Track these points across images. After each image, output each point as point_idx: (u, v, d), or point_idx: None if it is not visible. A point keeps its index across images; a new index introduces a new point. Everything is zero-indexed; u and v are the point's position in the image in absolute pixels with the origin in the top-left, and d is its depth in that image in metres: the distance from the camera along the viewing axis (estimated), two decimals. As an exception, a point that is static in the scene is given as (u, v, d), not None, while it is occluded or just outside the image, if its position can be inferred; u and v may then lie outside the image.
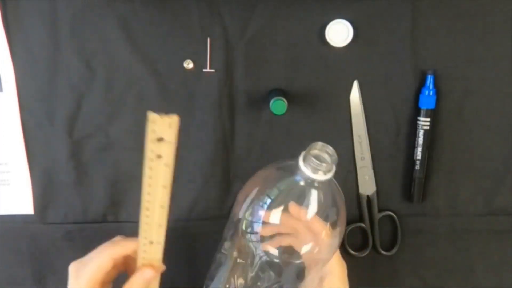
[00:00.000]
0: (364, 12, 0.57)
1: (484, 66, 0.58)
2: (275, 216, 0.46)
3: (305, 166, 0.43)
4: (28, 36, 0.57)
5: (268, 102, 0.56)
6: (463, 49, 0.58)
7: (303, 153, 0.44)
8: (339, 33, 0.57)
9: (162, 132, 0.43)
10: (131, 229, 0.63)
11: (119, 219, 0.63)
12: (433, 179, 0.62)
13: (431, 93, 0.58)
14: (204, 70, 0.58)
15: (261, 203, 0.46)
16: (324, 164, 0.42)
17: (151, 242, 0.50)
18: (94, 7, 0.57)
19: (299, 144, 0.60)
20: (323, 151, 0.43)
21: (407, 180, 0.62)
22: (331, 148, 0.43)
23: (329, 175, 0.43)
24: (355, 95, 0.59)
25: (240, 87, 0.59)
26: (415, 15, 0.57)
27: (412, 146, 0.60)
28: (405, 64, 0.58)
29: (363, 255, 0.64)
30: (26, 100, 0.59)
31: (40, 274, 0.64)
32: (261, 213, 0.45)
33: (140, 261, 0.51)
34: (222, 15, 0.57)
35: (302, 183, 0.44)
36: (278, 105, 0.54)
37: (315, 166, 0.42)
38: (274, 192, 0.45)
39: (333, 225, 0.47)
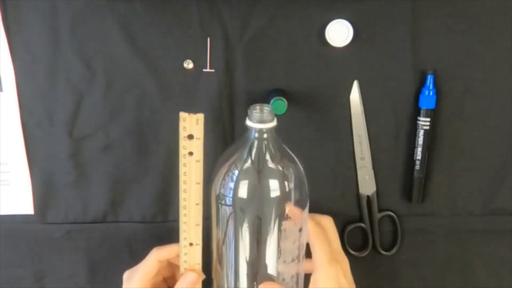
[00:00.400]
0: (364, 12, 0.57)
1: (484, 66, 0.58)
2: (243, 189, 0.49)
3: (251, 121, 0.49)
4: (28, 36, 0.57)
5: (268, 102, 0.56)
6: (463, 49, 0.58)
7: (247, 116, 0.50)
8: (339, 33, 0.57)
9: (191, 129, 0.48)
10: (131, 229, 0.63)
11: (119, 219, 0.63)
12: (433, 179, 0.62)
13: (431, 93, 0.58)
14: (204, 70, 0.58)
15: (231, 174, 0.50)
16: (264, 113, 0.48)
17: (191, 244, 0.52)
18: (94, 7, 0.57)
19: (299, 144, 0.61)
20: (262, 107, 0.49)
21: (407, 180, 0.62)
22: (267, 105, 0.49)
23: (273, 123, 0.49)
24: (355, 95, 0.59)
25: (240, 87, 0.59)
26: (415, 15, 0.57)
27: (412, 146, 0.60)
28: (405, 64, 0.58)
29: (363, 255, 0.64)
30: (26, 100, 0.59)
31: (40, 274, 0.64)
32: (231, 184, 0.50)
33: (182, 265, 0.53)
34: (222, 15, 0.57)
35: (254, 136, 0.49)
36: (278, 105, 0.54)
37: (259, 118, 0.48)
38: (239, 161, 0.50)
39: (287, 170, 0.51)
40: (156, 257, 0.54)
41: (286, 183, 0.50)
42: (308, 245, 0.53)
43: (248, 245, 0.51)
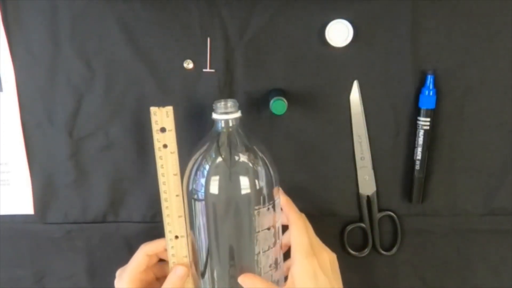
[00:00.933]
0: (364, 12, 0.57)
1: (484, 66, 0.58)
2: (214, 185, 0.51)
3: (216, 114, 0.52)
4: (28, 36, 0.57)
5: (268, 102, 0.56)
6: (463, 49, 0.58)
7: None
8: (339, 33, 0.57)
9: (162, 122, 0.51)
10: (131, 229, 0.63)
11: (119, 219, 0.63)
12: (433, 179, 0.62)
13: (431, 93, 0.58)
14: (204, 70, 0.58)
15: (202, 169, 0.52)
16: (228, 105, 0.51)
17: (176, 237, 0.54)
18: (94, 7, 0.57)
19: (299, 144, 0.61)
20: (225, 100, 0.52)
21: (407, 180, 0.62)
22: (231, 99, 0.52)
23: (237, 114, 0.52)
24: (355, 95, 0.59)
25: (240, 87, 0.59)
26: (414, 15, 0.57)
27: (412, 146, 0.60)
28: (405, 64, 0.58)
29: (363, 255, 0.64)
30: (26, 100, 0.59)
31: (40, 274, 0.64)
32: (203, 180, 0.51)
33: (170, 259, 0.55)
34: (222, 15, 0.57)
35: (221, 128, 0.52)
36: (278, 105, 0.54)
37: (223, 110, 0.51)
38: (208, 155, 0.52)
39: (255, 162, 0.52)
40: (144, 251, 0.55)
41: (255, 175, 0.52)
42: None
43: (223, 239, 0.52)
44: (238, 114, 0.52)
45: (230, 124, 0.52)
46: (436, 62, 0.58)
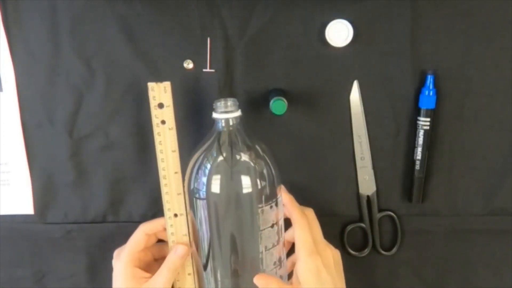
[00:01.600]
0: (364, 12, 0.57)
1: (484, 66, 0.58)
2: (216, 183, 0.51)
3: (217, 113, 0.52)
4: (28, 36, 0.57)
5: (268, 102, 0.56)
6: (463, 49, 0.58)
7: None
8: (339, 33, 0.57)
9: (160, 97, 0.51)
10: (131, 229, 0.63)
11: (119, 219, 0.63)
12: (433, 179, 0.62)
13: (431, 93, 0.58)
14: (204, 70, 0.58)
15: (203, 168, 0.52)
16: (228, 104, 0.51)
17: (175, 215, 0.54)
18: (94, 7, 0.57)
19: (299, 144, 0.61)
20: (225, 99, 0.52)
21: (407, 180, 0.62)
22: (231, 98, 0.52)
23: (238, 113, 0.52)
24: (355, 95, 0.59)
25: (240, 87, 0.59)
26: (414, 15, 0.57)
27: (412, 146, 0.60)
28: (405, 64, 0.58)
29: (363, 255, 0.64)
30: (26, 100, 0.59)
31: (40, 274, 0.64)
32: (204, 179, 0.52)
33: (169, 238, 0.55)
34: (222, 15, 0.57)
35: (221, 127, 0.52)
36: (278, 105, 0.54)
37: (223, 109, 0.51)
38: (210, 154, 0.52)
39: (256, 161, 0.52)
40: (143, 230, 0.55)
41: (256, 174, 0.52)
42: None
43: (225, 238, 0.52)
44: (238, 113, 0.52)
45: (231, 123, 0.52)
46: (436, 62, 0.58)
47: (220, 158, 0.52)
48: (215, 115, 0.52)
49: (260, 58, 0.58)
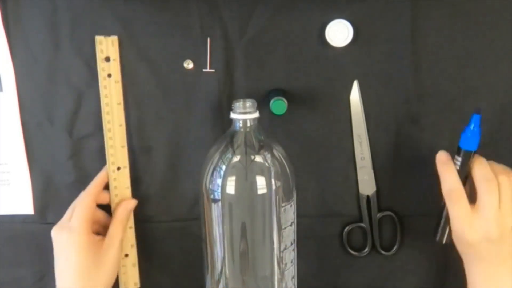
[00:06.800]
0: (364, 12, 0.57)
1: (484, 66, 0.58)
2: (231, 185, 0.52)
3: (235, 114, 0.52)
4: (28, 36, 0.57)
5: (268, 102, 0.56)
6: (463, 49, 0.58)
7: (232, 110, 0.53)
8: (339, 33, 0.57)
9: (108, 51, 0.52)
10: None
11: (119, 219, 0.63)
12: (432, 179, 0.61)
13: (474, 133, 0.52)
14: (204, 70, 0.58)
15: (218, 169, 0.53)
16: (247, 105, 0.52)
17: (119, 168, 0.56)
18: (94, 7, 0.57)
19: (299, 144, 0.61)
20: (244, 100, 0.52)
21: (407, 180, 0.62)
22: (250, 99, 0.53)
23: (255, 114, 0.52)
24: (355, 95, 0.59)
25: (240, 87, 0.59)
26: (415, 15, 0.57)
27: (412, 146, 0.60)
28: (405, 64, 0.58)
29: (363, 255, 0.64)
30: (26, 100, 0.59)
31: (40, 274, 0.64)
32: (219, 181, 0.52)
33: (112, 192, 0.57)
34: (222, 15, 0.57)
35: (239, 128, 0.53)
36: (278, 105, 0.54)
37: (241, 110, 0.52)
38: (225, 155, 0.53)
39: (272, 163, 0.53)
40: (89, 193, 0.57)
41: (272, 174, 0.52)
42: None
43: (239, 238, 0.53)
44: (256, 114, 0.52)
45: (248, 124, 0.52)
46: (436, 62, 0.58)
47: (236, 159, 0.52)
48: (233, 115, 0.52)
49: (260, 58, 0.58)
